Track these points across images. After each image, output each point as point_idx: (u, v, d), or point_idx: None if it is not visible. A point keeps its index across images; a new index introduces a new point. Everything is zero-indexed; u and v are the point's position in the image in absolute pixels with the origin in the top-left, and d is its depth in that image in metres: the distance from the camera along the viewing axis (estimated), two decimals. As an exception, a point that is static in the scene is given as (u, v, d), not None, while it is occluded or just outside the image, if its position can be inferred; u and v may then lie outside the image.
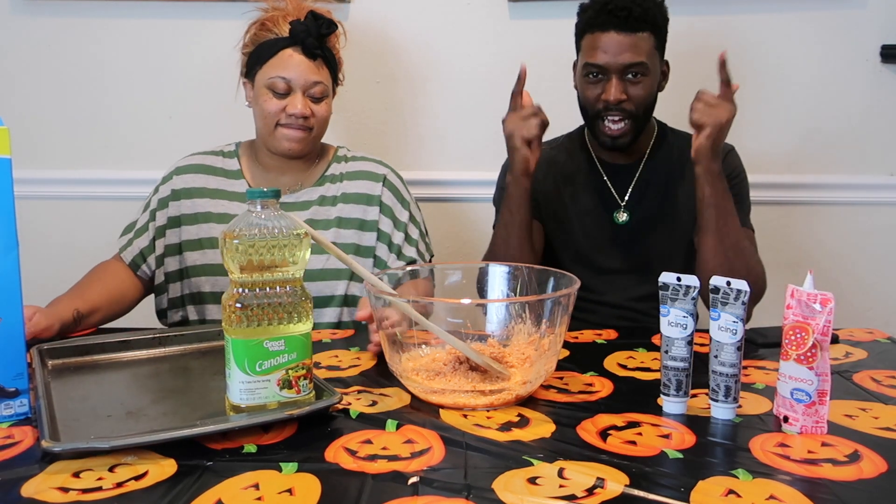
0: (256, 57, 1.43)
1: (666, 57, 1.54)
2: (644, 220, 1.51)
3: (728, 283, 0.89)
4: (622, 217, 1.51)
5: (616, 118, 1.42)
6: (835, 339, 1.24)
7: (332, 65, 1.46)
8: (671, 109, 1.82)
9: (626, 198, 1.52)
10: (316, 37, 1.40)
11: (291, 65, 1.39)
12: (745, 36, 1.85)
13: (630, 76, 1.40)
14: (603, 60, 1.40)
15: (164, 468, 0.77)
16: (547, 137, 1.67)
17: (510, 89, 1.89)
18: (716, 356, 0.91)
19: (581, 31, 1.48)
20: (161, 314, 1.51)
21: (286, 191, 1.48)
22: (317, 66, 1.41)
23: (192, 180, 1.50)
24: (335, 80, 1.49)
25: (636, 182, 1.52)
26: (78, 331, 1.29)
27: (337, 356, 1.16)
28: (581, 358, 1.15)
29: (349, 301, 1.46)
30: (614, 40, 1.38)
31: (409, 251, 1.47)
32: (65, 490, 0.73)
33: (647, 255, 1.50)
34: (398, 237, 1.48)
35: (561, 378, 1.06)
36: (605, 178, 1.54)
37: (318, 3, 1.51)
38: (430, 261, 1.54)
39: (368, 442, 0.84)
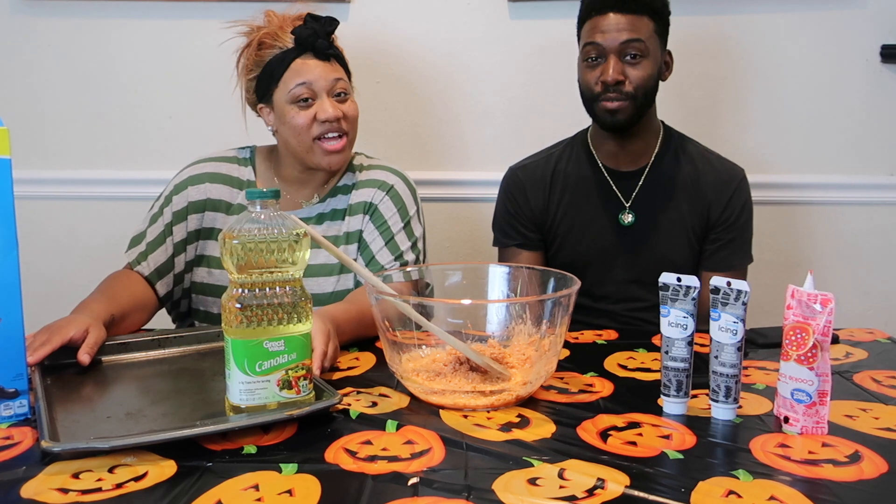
0: (268, 77, 1.36)
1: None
2: (650, 222, 1.49)
3: (728, 284, 0.89)
4: (628, 219, 1.49)
5: (615, 98, 1.41)
6: (835, 340, 1.24)
7: (345, 63, 1.42)
8: (672, 109, 1.82)
9: (632, 200, 1.50)
10: (324, 37, 1.35)
11: (308, 70, 1.33)
12: (744, 36, 1.85)
13: (629, 57, 1.40)
14: (601, 39, 1.40)
15: (163, 469, 0.77)
16: (547, 141, 1.68)
17: (510, 89, 1.90)
18: (716, 357, 0.91)
19: (581, 21, 1.48)
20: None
21: (302, 204, 1.43)
22: (333, 68, 1.36)
23: (208, 191, 1.41)
24: (350, 79, 1.43)
25: (641, 186, 1.50)
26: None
27: (337, 356, 1.16)
28: (581, 358, 1.15)
29: (338, 297, 1.41)
30: (612, 21, 1.40)
31: (384, 258, 1.39)
32: (64, 491, 0.73)
33: (653, 258, 1.48)
34: (377, 244, 1.40)
35: (561, 378, 1.06)
36: (611, 182, 1.52)
37: (318, 3, 1.50)
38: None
39: (368, 443, 0.84)
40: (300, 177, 1.43)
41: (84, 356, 1.07)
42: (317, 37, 1.34)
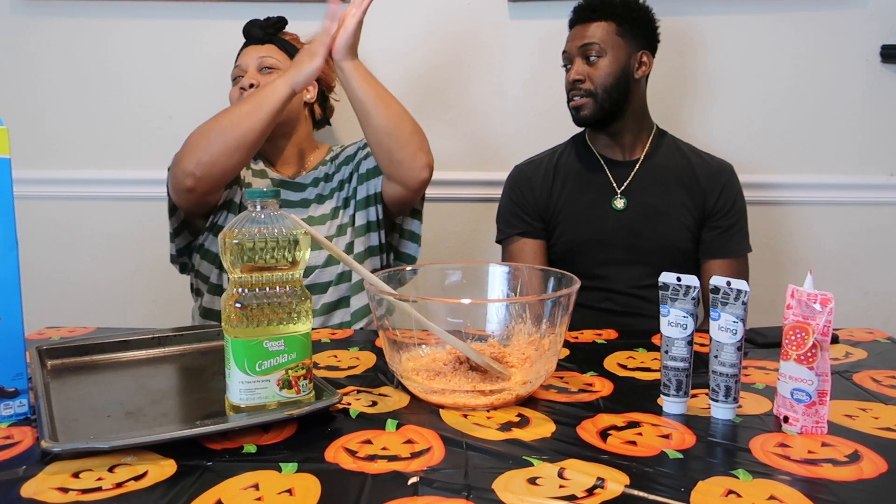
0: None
1: (665, 56, 1.57)
2: (640, 207, 1.58)
3: (728, 284, 0.89)
4: (620, 203, 1.58)
5: (576, 96, 1.57)
6: (835, 339, 1.24)
7: (290, 50, 1.59)
8: (670, 109, 1.82)
9: (624, 187, 1.59)
10: (261, 27, 1.58)
11: (243, 55, 1.57)
12: (744, 36, 1.85)
13: (588, 59, 1.55)
14: (567, 48, 1.60)
15: (163, 468, 0.77)
16: (547, 142, 1.70)
17: (511, 89, 1.90)
18: (716, 356, 0.91)
19: None
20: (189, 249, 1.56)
21: (291, 174, 1.60)
22: (266, 49, 1.56)
23: None
24: None
25: (634, 175, 1.60)
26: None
27: (336, 356, 1.16)
28: (581, 358, 1.15)
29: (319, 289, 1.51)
30: (576, 31, 1.58)
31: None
32: (64, 490, 0.73)
33: (645, 241, 1.56)
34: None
35: (561, 378, 1.06)
36: (605, 169, 1.61)
37: (317, 3, 1.52)
38: None
39: (368, 442, 0.84)
40: (277, 154, 1.59)
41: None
42: (254, 27, 1.58)
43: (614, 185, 1.59)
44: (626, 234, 1.57)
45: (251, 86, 1.50)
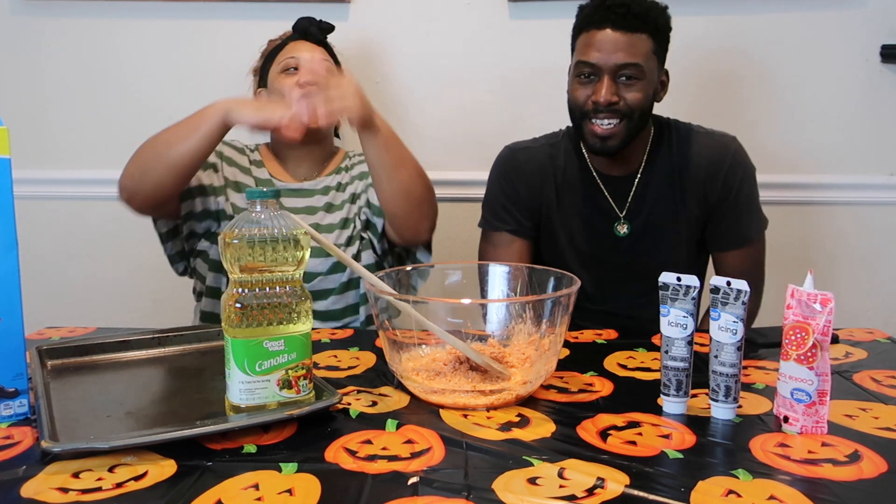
0: (267, 61, 1.54)
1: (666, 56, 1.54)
2: (645, 230, 1.47)
3: (728, 283, 0.89)
4: (623, 230, 1.47)
5: (606, 120, 1.36)
6: (835, 339, 1.24)
7: (336, 60, 1.57)
8: (670, 110, 1.82)
9: (626, 210, 1.47)
10: (318, 28, 1.56)
11: (299, 48, 1.51)
12: (745, 36, 1.85)
13: (623, 78, 1.34)
14: (595, 59, 1.33)
15: (163, 468, 0.77)
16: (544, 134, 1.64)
17: (510, 89, 1.90)
18: (716, 356, 0.91)
19: (577, 31, 1.41)
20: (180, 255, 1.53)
21: (303, 179, 1.56)
22: (320, 51, 1.53)
23: (226, 151, 1.55)
24: None
25: (634, 193, 1.47)
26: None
27: (336, 356, 1.16)
28: (581, 358, 1.15)
29: (337, 267, 1.49)
30: (609, 38, 1.32)
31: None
32: (64, 490, 0.73)
33: (648, 265, 1.43)
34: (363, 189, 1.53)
35: (561, 378, 1.06)
36: (603, 189, 1.48)
37: (318, 4, 1.53)
38: None
39: (368, 442, 0.84)
40: (296, 154, 1.56)
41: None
42: (311, 25, 1.55)
43: (615, 208, 1.47)
44: (627, 258, 1.48)
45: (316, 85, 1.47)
